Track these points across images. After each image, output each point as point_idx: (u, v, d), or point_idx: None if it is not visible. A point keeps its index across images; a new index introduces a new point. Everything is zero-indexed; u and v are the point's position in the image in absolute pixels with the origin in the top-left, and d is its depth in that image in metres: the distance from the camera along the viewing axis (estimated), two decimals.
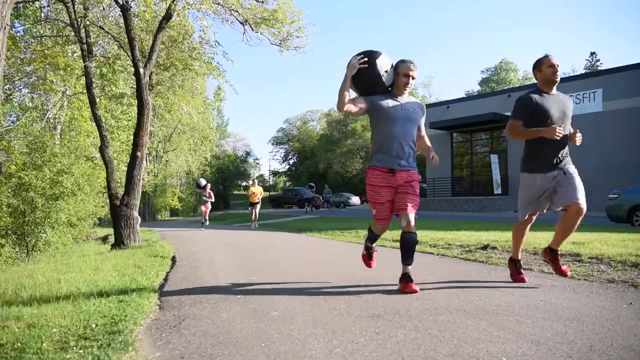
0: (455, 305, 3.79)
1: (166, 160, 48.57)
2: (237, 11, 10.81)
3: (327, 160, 56.80)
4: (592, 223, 13.59)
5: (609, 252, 6.16)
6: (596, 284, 4.58)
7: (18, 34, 14.62)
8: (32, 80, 16.56)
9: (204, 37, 12.10)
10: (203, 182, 18.17)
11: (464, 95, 57.82)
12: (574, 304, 3.77)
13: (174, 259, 7.75)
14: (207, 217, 18.03)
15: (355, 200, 40.66)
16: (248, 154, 76.24)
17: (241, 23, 11.22)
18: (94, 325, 3.39)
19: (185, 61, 12.91)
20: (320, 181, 58.05)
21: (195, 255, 8.33)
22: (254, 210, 18.24)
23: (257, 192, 18.24)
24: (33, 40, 14.62)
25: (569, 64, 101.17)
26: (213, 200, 18.23)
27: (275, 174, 78.62)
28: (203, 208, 17.89)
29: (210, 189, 18.22)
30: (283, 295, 4.37)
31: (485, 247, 7.52)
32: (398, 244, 8.62)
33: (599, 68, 56.50)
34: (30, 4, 14.57)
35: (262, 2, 10.97)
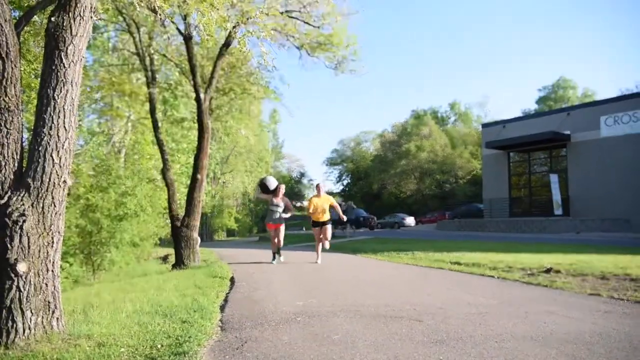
0: (521, 332, 3.67)
1: (223, 182, 49.63)
2: (293, 36, 11.05)
3: (380, 180, 56.50)
4: None
5: None
6: None
7: (88, 64, 15.44)
8: (100, 106, 17.42)
9: (262, 62, 12.37)
10: (273, 182, 10.29)
11: (521, 115, 56.49)
12: None
13: (232, 280, 7.86)
14: (281, 243, 10.51)
15: (410, 220, 40.06)
16: (302, 174, 76.96)
17: (297, 48, 11.45)
18: (159, 346, 3.49)
19: (243, 86, 13.26)
20: (374, 202, 57.78)
21: (253, 276, 8.43)
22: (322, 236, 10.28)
23: (320, 205, 10.08)
24: (101, 69, 15.41)
25: (632, 81, 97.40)
26: (289, 214, 10.39)
27: (329, 194, 78.75)
28: (272, 229, 10.31)
29: (284, 195, 10.47)
30: (343, 318, 4.36)
31: (548, 271, 7.26)
32: (457, 267, 8.47)
33: None
34: (100, 35, 15.39)
35: (318, 27, 11.17)
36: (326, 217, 10.14)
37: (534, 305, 4.78)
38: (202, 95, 11.09)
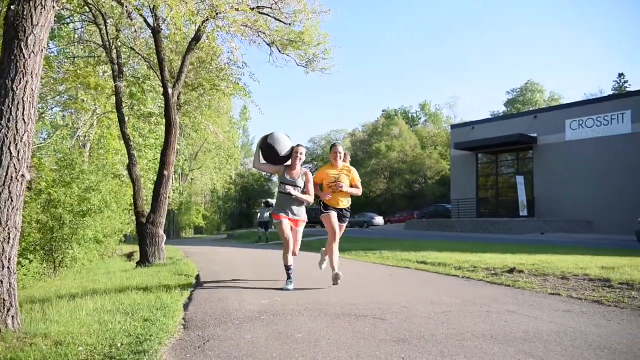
0: (482, 330, 3.72)
1: (191, 178, 49.12)
2: (264, 33, 10.97)
3: None
4: (622, 246, 13.28)
5: (639, 277, 5.99)
6: (627, 311, 4.47)
7: (52, 54, 15.05)
8: (64, 99, 17.00)
9: (231, 58, 12.29)
10: (284, 142, 6.24)
11: (490, 116, 57.44)
12: (604, 331, 3.68)
13: (198, 278, 7.78)
14: (297, 251, 6.56)
15: (379, 220, 40.34)
16: None
17: (268, 45, 11.38)
18: (119, 344, 3.42)
19: (212, 81, 13.11)
20: None
21: (218, 274, 8.35)
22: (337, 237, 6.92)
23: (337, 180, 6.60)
24: (66, 61, 15.03)
25: (596, 86, 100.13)
26: (306, 200, 6.28)
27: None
28: (284, 226, 6.19)
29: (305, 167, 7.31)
30: (307, 317, 4.35)
31: (511, 271, 7.39)
32: (423, 266, 8.55)
33: (627, 89, 55.57)
34: (65, 25, 15.01)
35: (289, 24, 11.12)
36: (347, 202, 6.46)
37: (495, 305, 4.85)
38: (170, 90, 10.93)
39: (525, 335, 3.55)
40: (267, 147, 6.19)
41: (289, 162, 6.29)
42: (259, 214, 23.79)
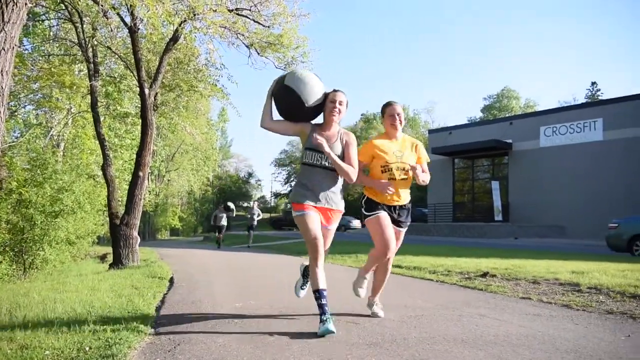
0: (453, 334, 3.76)
1: (168, 180, 48.63)
2: (243, 35, 10.93)
3: None
4: (592, 252, 13.54)
5: (608, 282, 6.11)
6: (595, 315, 4.55)
7: (26, 52, 14.79)
8: (37, 97, 16.72)
9: (209, 59, 12.23)
10: (312, 82, 4.05)
11: (467, 122, 58.10)
12: (572, 334, 3.74)
13: (172, 281, 7.70)
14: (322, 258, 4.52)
15: (356, 223, 40.47)
16: (250, 175, 76.30)
17: (247, 47, 11.33)
18: (87, 348, 3.36)
19: (190, 82, 13.02)
20: None
21: (193, 277, 8.28)
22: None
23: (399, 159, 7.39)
24: (40, 58, 14.79)
25: (570, 93, 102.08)
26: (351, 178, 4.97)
27: (277, 195, 78.56)
28: (312, 220, 3.98)
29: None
30: (281, 320, 4.35)
31: (484, 275, 7.48)
32: (398, 270, 8.59)
33: (600, 98, 56.78)
34: (40, 22, 14.77)
35: (268, 27, 11.09)
36: (407, 196, 4.50)
37: (468, 309, 4.90)
38: (146, 91, 10.81)
39: (495, 339, 3.60)
40: (284, 92, 4.01)
41: (319, 120, 4.21)
42: (214, 217, 21.09)
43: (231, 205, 21.29)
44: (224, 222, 20.52)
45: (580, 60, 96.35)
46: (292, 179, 72.58)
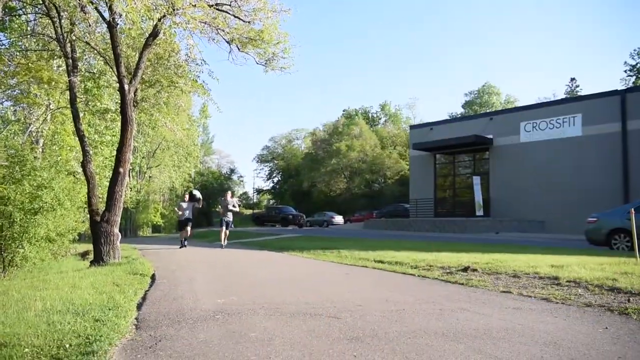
0: (434, 328, 3.79)
1: (149, 176, 48.17)
2: (223, 30, 10.86)
3: (311, 179, 56.76)
4: (572, 246, 13.75)
5: (586, 275, 6.22)
6: (573, 308, 4.63)
7: (3, 47, 14.51)
8: (15, 93, 16.43)
9: (190, 55, 12.12)
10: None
11: (448, 117, 58.51)
12: (551, 327, 3.80)
13: (153, 277, 7.66)
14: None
15: (338, 219, 40.54)
16: (232, 171, 75.86)
17: (227, 42, 11.26)
18: (67, 346, 3.33)
19: (170, 78, 12.89)
20: (304, 199, 57.97)
21: (175, 273, 8.24)
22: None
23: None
24: (18, 54, 14.52)
25: (549, 89, 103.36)
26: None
27: (259, 191, 78.35)
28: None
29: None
30: (262, 316, 4.35)
31: (465, 269, 7.55)
32: (380, 265, 8.64)
33: (579, 93, 57.55)
34: (17, 17, 14.51)
35: (249, 22, 11.03)
36: None
37: (448, 303, 4.95)
38: (126, 86, 10.69)
39: (476, 333, 3.64)
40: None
41: None
42: (177, 207, 17.61)
43: (197, 193, 17.96)
44: (189, 214, 16.58)
45: (560, 57, 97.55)
46: (274, 174, 72.42)
